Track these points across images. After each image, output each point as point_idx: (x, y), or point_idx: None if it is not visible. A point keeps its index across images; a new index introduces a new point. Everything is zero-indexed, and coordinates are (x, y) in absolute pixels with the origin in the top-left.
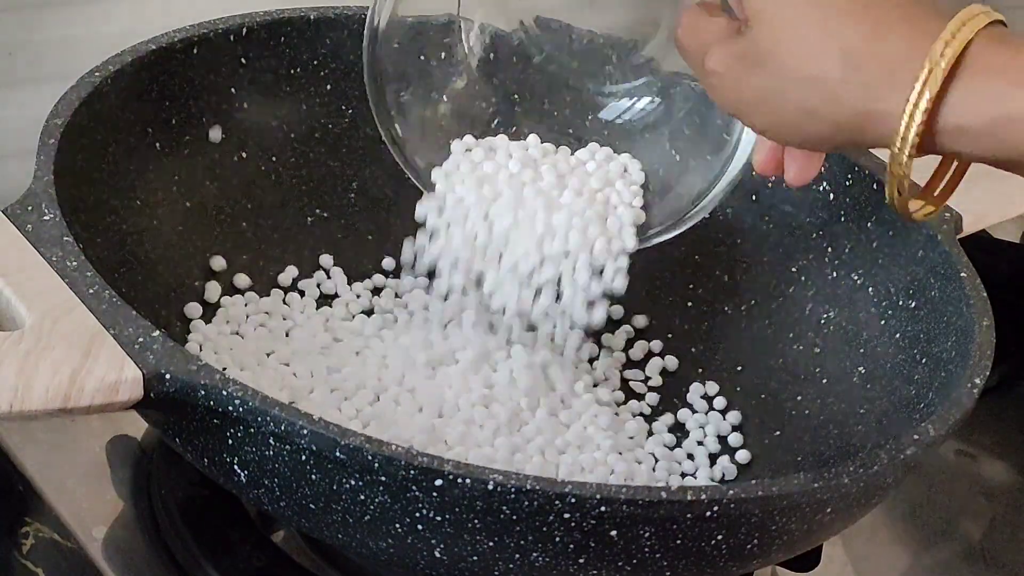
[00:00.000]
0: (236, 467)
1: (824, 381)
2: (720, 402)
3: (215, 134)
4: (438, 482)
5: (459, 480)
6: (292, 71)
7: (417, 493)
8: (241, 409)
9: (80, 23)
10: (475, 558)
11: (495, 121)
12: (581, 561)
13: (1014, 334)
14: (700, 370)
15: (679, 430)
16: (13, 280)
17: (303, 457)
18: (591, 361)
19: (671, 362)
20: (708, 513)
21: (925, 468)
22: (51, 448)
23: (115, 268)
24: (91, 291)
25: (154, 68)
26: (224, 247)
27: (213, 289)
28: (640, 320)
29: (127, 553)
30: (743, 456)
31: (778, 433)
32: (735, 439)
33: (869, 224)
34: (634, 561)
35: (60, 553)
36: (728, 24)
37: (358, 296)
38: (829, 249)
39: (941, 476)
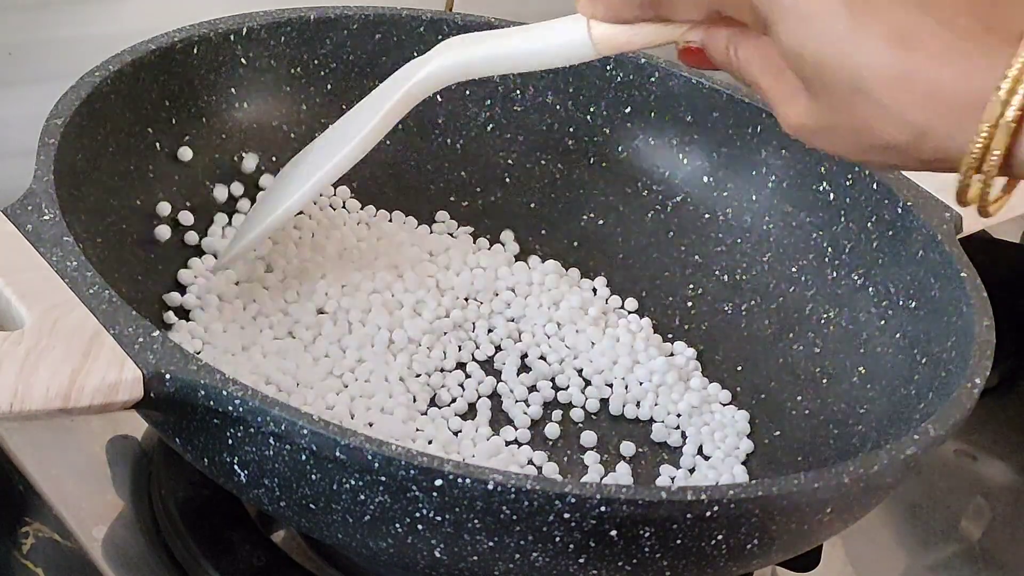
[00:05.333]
0: (236, 467)
1: (824, 381)
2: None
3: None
4: (438, 482)
5: (459, 480)
6: (292, 71)
7: (417, 493)
8: (241, 409)
9: (80, 23)
10: (475, 558)
11: None
12: (581, 561)
13: (1014, 334)
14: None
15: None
16: (13, 280)
17: (303, 457)
18: None
19: None
20: (708, 513)
21: (925, 468)
22: (51, 448)
23: (115, 268)
24: (91, 291)
25: (154, 68)
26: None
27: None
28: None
29: (127, 553)
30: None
31: (778, 433)
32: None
33: (869, 224)
34: (634, 561)
35: (60, 553)
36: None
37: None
38: (829, 249)
39: (941, 476)
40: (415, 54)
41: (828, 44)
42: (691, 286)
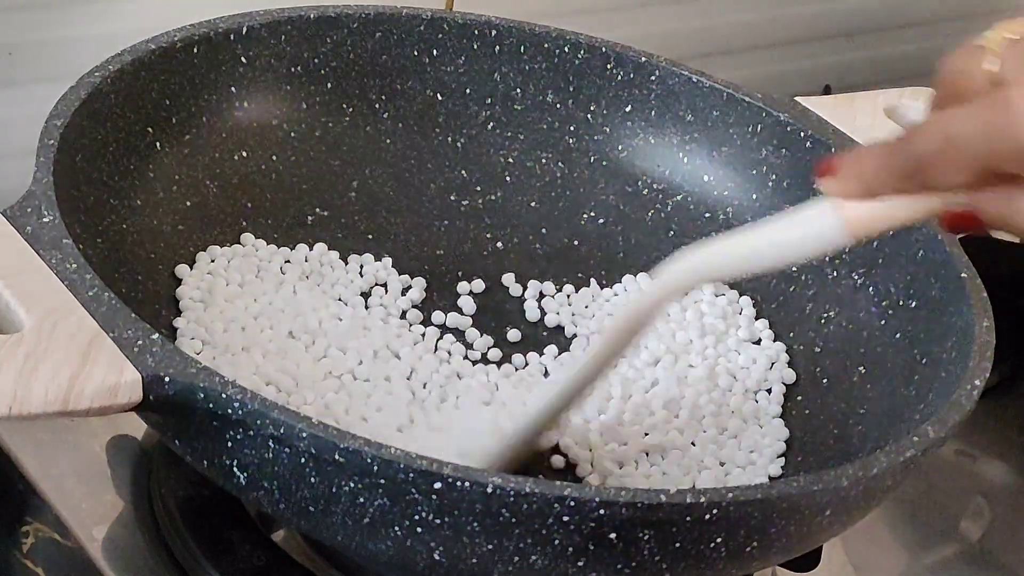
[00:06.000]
0: (235, 469)
1: (824, 381)
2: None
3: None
4: (437, 485)
5: (458, 483)
6: (292, 71)
7: (416, 496)
8: (240, 411)
9: (80, 23)
10: (474, 560)
11: None
12: (580, 564)
13: (1014, 334)
14: None
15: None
16: (13, 282)
17: (302, 460)
18: None
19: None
20: (707, 516)
21: (925, 468)
22: (51, 448)
23: (115, 268)
24: (90, 293)
25: (154, 68)
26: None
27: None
28: None
29: (127, 553)
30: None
31: None
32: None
33: None
34: (633, 564)
35: (60, 553)
36: None
37: (360, 295)
38: None
39: (941, 476)
40: (415, 53)
41: None
42: None
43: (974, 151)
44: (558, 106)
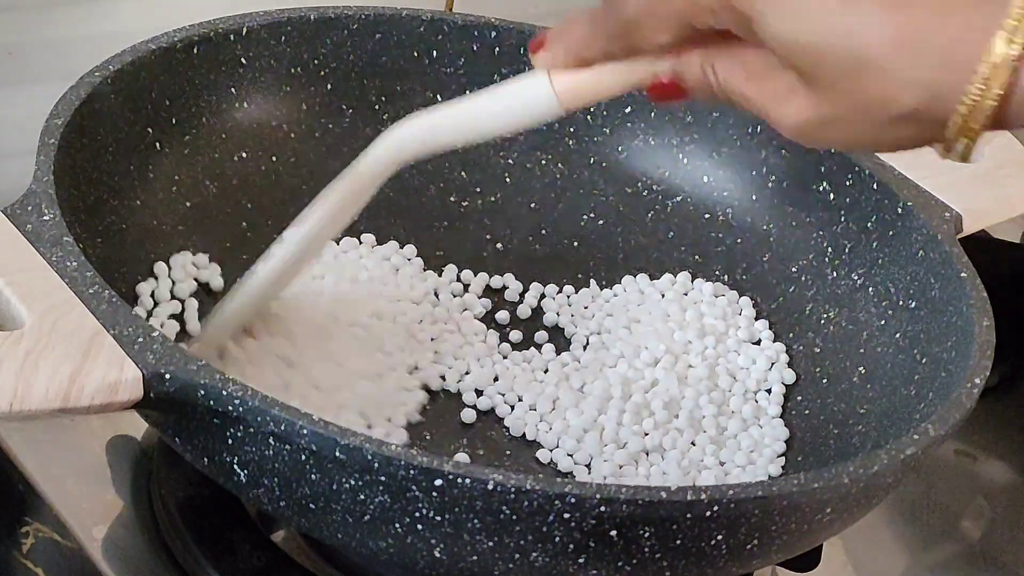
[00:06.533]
0: (236, 467)
1: (824, 381)
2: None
3: None
4: (438, 482)
5: (459, 480)
6: (292, 71)
7: (417, 493)
8: (241, 409)
9: (80, 23)
10: (475, 558)
11: None
12: (581, 561)
13: (1014, 334)
14: None
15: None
16: (13, 280)
17: (303, 457)
18: None
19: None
20: (708, 513)
21: (925, 468)
22: (51, 448)
23: (115, 268)
24: (91, 291)
25: (154, 68)
26: (224, 247)
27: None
28: None
29: (127, 553)
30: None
31: None
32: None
33: (869, 224)
34: (634, 561)
35: (60, 553)
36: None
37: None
38: (829, 249)
39: (941, 476)
40: (415, 54)
41: (822, 25)
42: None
43: (676, 4)
44: None
